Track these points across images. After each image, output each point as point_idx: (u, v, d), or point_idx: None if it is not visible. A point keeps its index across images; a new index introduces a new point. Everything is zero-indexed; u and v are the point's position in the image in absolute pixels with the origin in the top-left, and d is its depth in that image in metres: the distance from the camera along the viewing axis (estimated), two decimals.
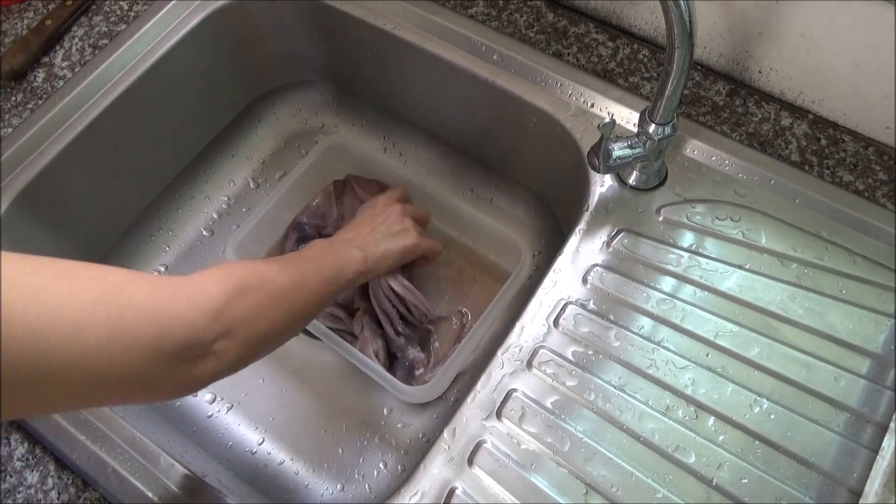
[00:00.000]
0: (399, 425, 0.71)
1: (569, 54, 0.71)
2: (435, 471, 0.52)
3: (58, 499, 0.54)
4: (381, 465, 0.69)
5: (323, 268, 0.54)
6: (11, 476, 0.55)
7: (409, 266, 0.72)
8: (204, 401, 0.73)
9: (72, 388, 0.32)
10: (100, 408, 0.56)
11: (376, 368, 0.65)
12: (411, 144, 0.86)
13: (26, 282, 0.31)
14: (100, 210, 0.74)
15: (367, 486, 0.68)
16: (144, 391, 0.37)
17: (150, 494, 0.53)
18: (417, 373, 0.68)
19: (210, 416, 0.72)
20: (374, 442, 0.70)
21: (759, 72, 0.66)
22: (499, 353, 0.56)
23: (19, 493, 0.55)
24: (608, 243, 0.60)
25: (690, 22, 0.48)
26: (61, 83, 0.70)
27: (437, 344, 0.72)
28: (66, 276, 0.33)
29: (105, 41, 0.73)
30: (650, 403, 0.53)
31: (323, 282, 0.53)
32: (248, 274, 0.43)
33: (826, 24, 0.58)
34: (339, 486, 0.68)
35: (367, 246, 0.61)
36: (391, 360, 0.71)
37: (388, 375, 0.65)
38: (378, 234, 0.64)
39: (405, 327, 0.71)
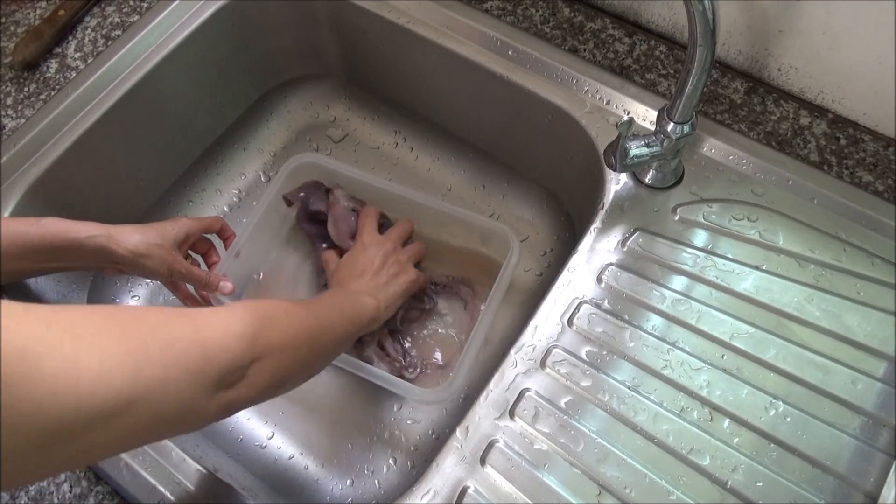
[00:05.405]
0: (408, 421, 0.71)
1: (585, 50, 0.70)
2: (447, 469, 0.51)
3: (70, 491, 0.54)
4: (390, 460, 0.69)
5: (343, 309, 0.57)
6: None
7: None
8: None
9: (133, 425, 0.33)
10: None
11: (385, 376, 0.65)
12: (423, 139, 0.85)
13: (80, 332, 0.32)
14: (111, 202, 0.74)
15: (376, 481, 0.68)
16: (190, 421, 0.38)
17: (161, 489, 0.53)
18: (409, 373, 0.69)
19: None
20: (384, 438, 0.70)
21: (779, 70, 0.65)
22: (512, 351, 0.56)
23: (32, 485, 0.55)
24: (623, 242, 0.60)
25: (713, 19, 0.47)
26: (74, 74, 0.70)
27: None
28: (112, 320, 0.34)
29: (118, 32, 0.73)
30: (665, 405, 0.53)
31: (343, 322, 0.55)
32: (275, 305, 0.45)
33: (849, 22, 0.57)
34: (348, 481, 0.68)
35: (377, 293, 0.64)
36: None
37: (401, 381, 0.64)
38: (382, 279, 0.67)
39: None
